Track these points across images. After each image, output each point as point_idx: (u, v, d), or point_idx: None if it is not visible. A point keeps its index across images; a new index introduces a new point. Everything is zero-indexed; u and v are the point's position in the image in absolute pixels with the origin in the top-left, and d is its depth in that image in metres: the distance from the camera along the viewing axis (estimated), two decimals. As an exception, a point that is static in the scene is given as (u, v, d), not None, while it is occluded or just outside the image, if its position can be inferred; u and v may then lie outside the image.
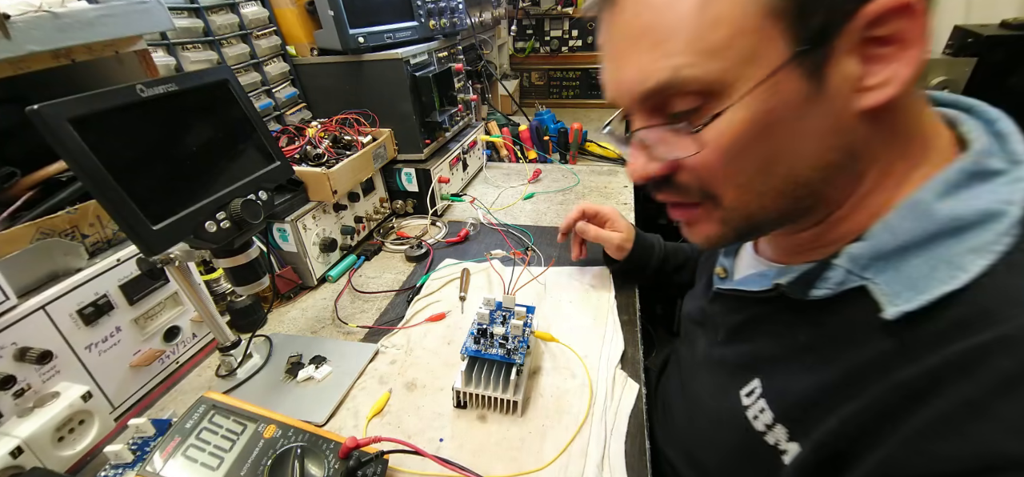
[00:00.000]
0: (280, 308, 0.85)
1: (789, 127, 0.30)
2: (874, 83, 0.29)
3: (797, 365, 0.35)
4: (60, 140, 0.45)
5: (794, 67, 0.28)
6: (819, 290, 0.34)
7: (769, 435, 0.36)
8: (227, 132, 0.62)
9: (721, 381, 0.43)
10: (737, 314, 0.43)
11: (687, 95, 0.31)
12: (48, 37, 0.56)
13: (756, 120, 0.30)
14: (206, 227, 0.56)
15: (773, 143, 0.31)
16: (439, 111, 1.10)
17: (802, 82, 0.29)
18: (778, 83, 0.29)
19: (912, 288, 0.29)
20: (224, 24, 0.92)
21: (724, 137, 0.31)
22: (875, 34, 0.28)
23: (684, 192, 0.36)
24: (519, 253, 0.92)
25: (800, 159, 0.32)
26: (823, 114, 0.30)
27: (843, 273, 0.33)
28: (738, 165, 0.32)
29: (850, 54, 0.28)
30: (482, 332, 0.62)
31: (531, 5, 1.88)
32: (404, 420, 0.60)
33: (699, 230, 0.38)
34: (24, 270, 0.57)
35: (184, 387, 0.70)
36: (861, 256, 0.32)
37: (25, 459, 0.51)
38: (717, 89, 0.30)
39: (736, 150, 0.31)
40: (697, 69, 0.30)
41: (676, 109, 0.32)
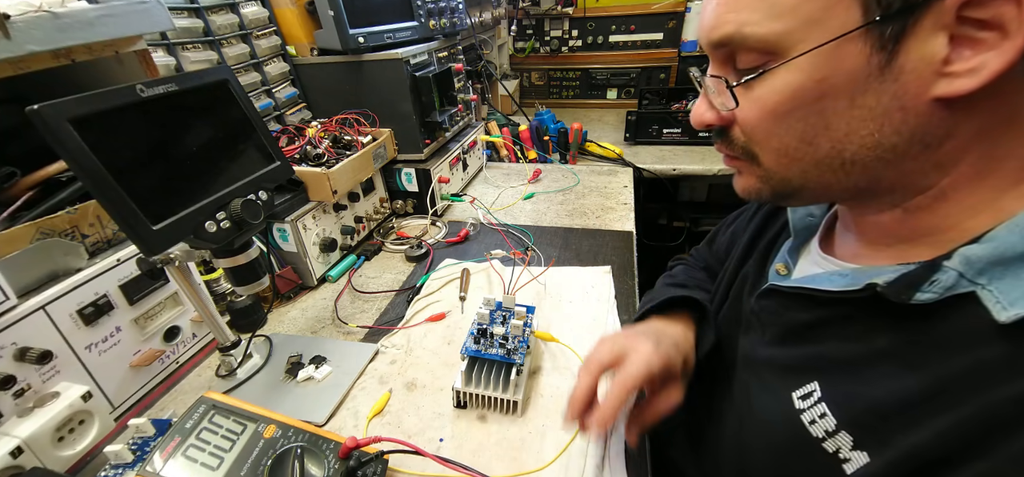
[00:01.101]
0: (280, 308, 0.85)
1: (843, 100, 0.29)
2: (959, 69, 0.26)
3: (872, 371, 0.33)
4: (60, 140, 0.45)
5: (862, 36, 0.27)
6: (925, 294, 0.30)
7: (829, 442, 0.33)
8: (227, 132, 0.62)
9: (768, 383, 0.40)
10: (800, 313, 0.39)
11: (751, 51, 0.31)
12: (48, 37, 0.56)
13: (806, 87, 0.29)
14: (206, 227, 0.56)
15: (821, 114, 0.30)
16: (439, 111, 1.10)
17: (869, 54, 0.27)
18: (839, 50, 0.27)
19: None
20: (224, 24, 0.92)
21: (769, 99, 0.31)
22: (972, 15, 0.25)
23: (732, 145, 0.36)
24: (519, 253, 0.92)
25: (850, 136, 0.30)
26: (888, 93, 0.28)
27: (955, 277, 0.29)
28: (779, 130, 0.32)
29: (937, 32, 0.26)
30: (482, 332, 0.62)
31: (531, 5, 1.88)
32: (404, 420, 0.60)
33: (741, 181, 0.38)
34: (24, 270, 0.57)
35: (184, 387, 0.70)
36: (978, 260, 0.28)
37: (25, 459, 0.51)
38: (777, 49, 0.29)
39: (780, 113, 0.31)
40: (761, 27, 0.29)
41: (740, 64, 0.32)
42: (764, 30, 0.29)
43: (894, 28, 0.26)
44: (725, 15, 0.31)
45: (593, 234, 0.99)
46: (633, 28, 1.84)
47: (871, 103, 0.28)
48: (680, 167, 1.35)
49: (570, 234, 1.00)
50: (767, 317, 0.43)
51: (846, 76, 0.28)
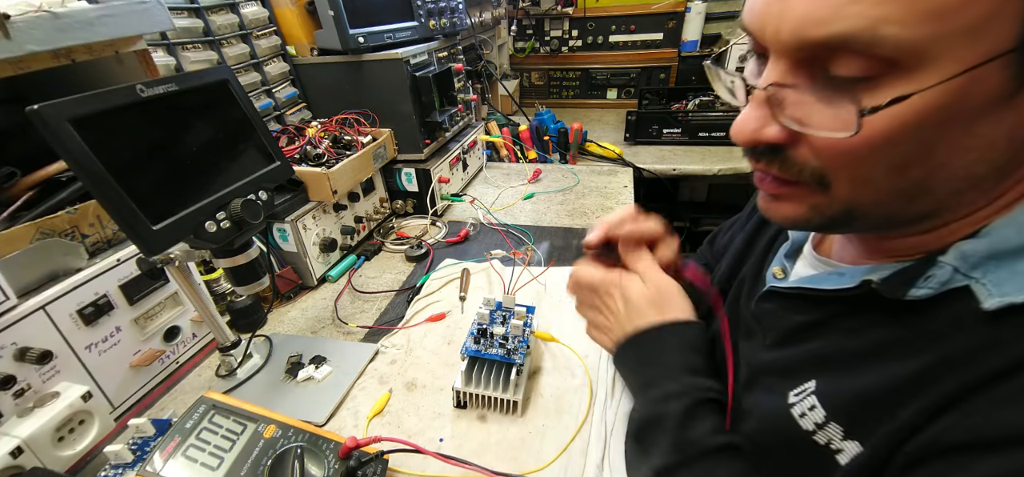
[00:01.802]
0: (280, 308, 0.85)
1: (960, 129, 0.24)
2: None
3: (862, 364, 0.32)
4: (60, 140, 0.45)
5: (1013, 59, 0.22)
6: (920, 289, 0.29)
7: (819, 434, 0.33)
8: (227, 132, 0.62)
9: (768, 387, 0.40)
10: (797, 315, 0.38)
11: (868, 58, 0.24)
12: (48, 37, 0.56)
13: (933, 114, 0.24)
14: (206, 227, 0.56)
15: (928, 144, 0.25)
16: (439, 111, 1.10)
17: (1008, 80, 0.23)
18: (984, 75, 0.22)
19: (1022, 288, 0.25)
20: (224, 24, 0.92)
21: (885, 127, 0.24)
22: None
23: (792, 168, 0.30)
24: (519, 253, 0.92)
25: (945, 168, 0.26)
26: (1005, 123, 0.24)
27: (950, 272, 0.28)
28: (878, 160, 0.26)
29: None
30: (482, 332, 0.62)
31: (531, 5, 1.88)
32: (404, 420, 0.60)
33: (784, 207, 0.33)
34: (24, 270, 0.57)
35: (184, 387, 0.70)
36: (973, 254, 0.27)
37: (25, 459, 0.51)
38: (912, 62, 0.23)
39: (892, 144, 0.25)
40: (903, 29, 0.22)
41: (841, 72, 0.25)
42: (908, 34, 0.22)
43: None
44: (846, 7, 0.23)
45: (593, 234, 0.99)
46: (633, 28, 1.84)
47: (986, 132, 0.25)
48: (680, 167, 1.35)
49: (570, 234, 1.00)
50: (768, 321, 0.42)
51: (976, 103, 0.23)
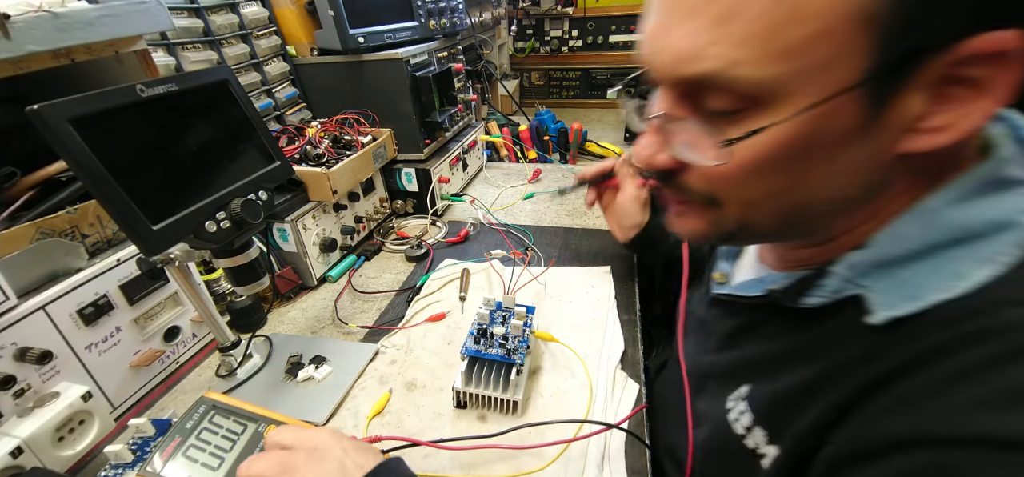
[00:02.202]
0: (280, 308, 0.85)
1: (823, 157, 0.27)
2: (932, 126, 0.25)
3: (783, 369, 0.34)
4: (60, 140, 0.45)
5: (862, 92, 0.24)
6: (812, 298, 0.33)
7: (748, 438, 0.35)
8: (227, 132, 0.62)
9: (712, 388, 0.42)
10: (732, 319, 0.41)
11: (730, 94, 0.26)
12: (48, 37, 0.56)
13: (794, 144, 0.26)
14: (206, 227, 0.56)
15: (798, 171, 0.28)
16: (439, 111, 1.10)
17: (861, 111, 0.25)
18: (836, 108, 0.25)
19: (908, 296, 0.28)
20: (224, 24, 0.92)
21: (752, 156, 0.27)
22: (958, 73, 0.24)
23: (684, 192, 0.33)
24: (519, 253, 0.92)
25: (819, 190, 0.29)
26: (865, 151, 0.27)
27: (840, 281, 0.31)
28: (754, 184, 0.29)
29: (921, 89, 0.25)
30: (482, 332, 0.62)
31: (531, 5, 1.88)
32: (404, 420, 0.60)
33: (686, 223, 0.36)
34: (24, 270, 0.57)
35: (184, 387, 0.70)
36: (861, 264, 0.31)
37: (25, 459, 0.51)
38: (766, 97, 0.26)
39: (760, 171, 0.28)
40: (756, 70, 0.25)
41: (712, 106, 0.28)
42: (760, 74, 0.25)
43: (892, 83, 0.25)
44: (709, 47, 0.25)
45: (593, 234, 0.99)
46: (633, 28, 1.84)
47: (849, 159, 0.27)
48: (680, 167, 1.35)
49: (570, 234, 1.00)
50: (712, 325, 0.45)
51: (834, 133, 0.26)
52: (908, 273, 0.29)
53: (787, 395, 0.33)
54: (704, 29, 0.26)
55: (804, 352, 0.33)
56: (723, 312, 0.43)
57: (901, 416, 0.25)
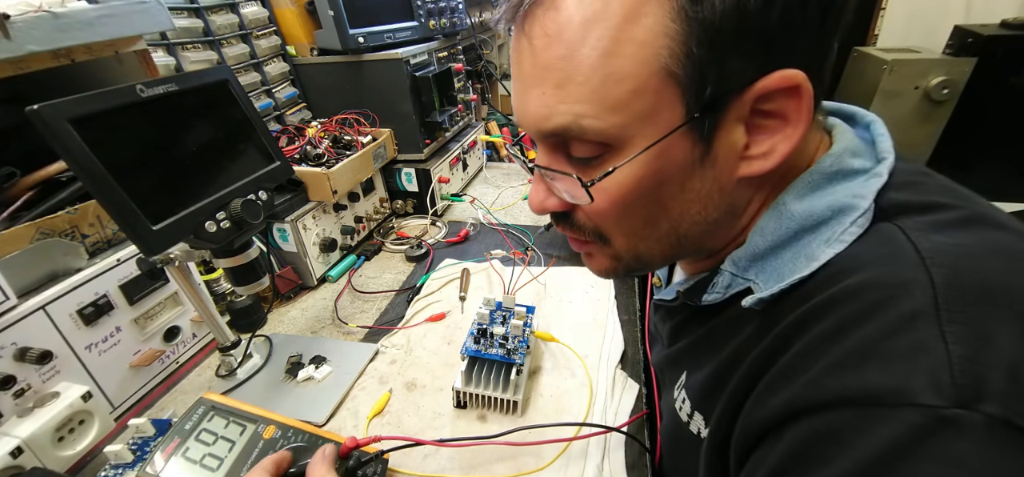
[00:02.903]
0: (280, 308, 0.85)
1: (675, 186, 0.32)
2: (757, 153, 0.31)
3: (703, 358, 0.39)
4: (60, 140, 0.45)
5: (686, 132, 0.30)
6: (710, 295, 0.37)
7: (692, 424, 0.39)
8: (227, 132, 0.62)
9: (666, 382, 0.47)
10: (670, 320, 0.46)
11: (587, 143, 0.31)
12: (48, 37, 0.56)
13: (646, 178, 0.31)
14: (206, 227, 0.56)
15: (659, 201, 0.33)
16: (439, 111, 1.10)
17: (691, 147, 0.30)
18: (670, 146, 0.30)
19: (776, 279, 0.32)
20: (224, 24, 0.92)
21: (616, 191, 0.32)
22: (762, 108, 0.29)
23: (580, 229, 0.38)
24: (519, 253, 0.92)
25: (683, 216, 0.34)
26: (708, 179, 0.32)
27: (729, 277, 0.36)
28: (627, 216, 0.34)
29: (737, 123, 0.30)
30: (482, 332, 0.62)
31: (531, 5, 1.87)
32: (404, 420, 0.60)
33: (595, 262, 0.41)
34: (24, 270, 0.57)
35: (184, 387, 0.70)
36: (741, 259, 0.35)
37: (25, 459, 0.51)
38: (615, 143, 0.31)
39: (626, 204, 0.33)
40: (598, 121, 0.30)
41: (576, 154, 0.33)
42: (601, 124, 0.30)
43: (709, 122, 0.29)
44: (557, 105, 0.30)
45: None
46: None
47: (697, 187, 0.32)
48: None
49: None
50: (660, 327, 0.50)
51: (676, 167, 0.31)
52: (777, 262, 0.33)
53: (709, 381, 0.37)
54: (549, 92, 0.31)
55: (715, 341, 0.38)
56: (663, 315, 0.48)
57: (782, 390, 0.27)
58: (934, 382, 0.22)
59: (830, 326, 0.27)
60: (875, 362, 0.24)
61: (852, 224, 0.30)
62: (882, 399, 0.23)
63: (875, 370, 0.24)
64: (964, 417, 0.21)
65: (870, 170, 0.33)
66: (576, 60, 0.29)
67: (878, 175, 0.32)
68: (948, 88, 1.63)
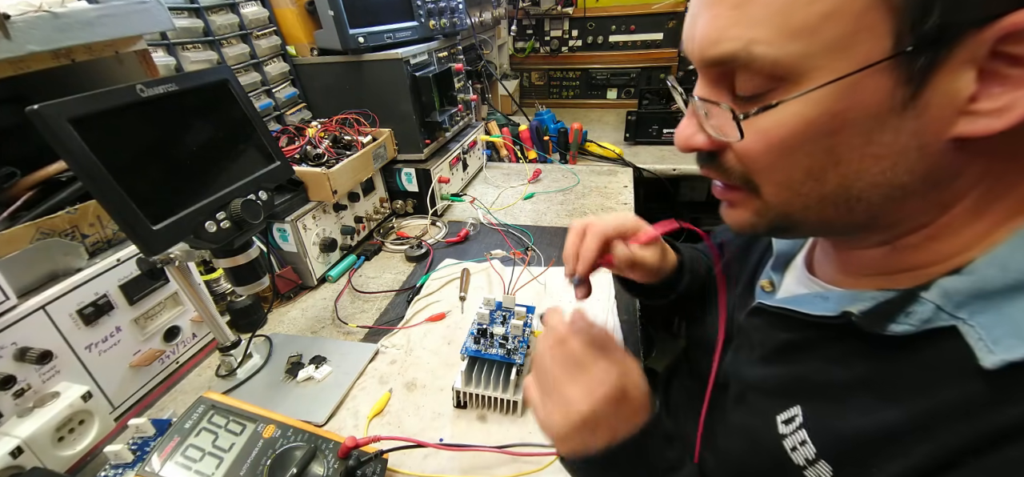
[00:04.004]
0: (280, 308, 0.85)
1: (859, 136, 0.26)
2: (988, 108, 0.23)
3: (853, 399, 0.31)
4: (60, 140, 0.45)
5: (889, 68, 0.24)
6: (900, 325, 0.29)
7: (809, 470, 0.32)
8: (227, 132, 0.62)
9: (753, 403, 0.40)
10: (784, 333, 0.38)
11: (757, 75, 0.27)
12: (48, 37, 0.56)
13: (820, 121, 0.26)
14: (206, 227, 0.56)
15: (833, 150, 0.27)
16: (439, 111, 1.10)
17: (893, 88, 0.24)
18: (862, 82, 0.24)
19: (1019, 335, 0.24)
20: (224, 24, 0.92)
21: (776, 131, 0.27)
22: (1008, 50, 0.22)
23: (726, 173, 0.33)
24: (519, 253, 0.92)
25: (861, 174, 0.27)
26: (908, 131, 0.25)
27: (932, 310, 0.28)
28: (785, 163, 0.29)
29: (966, 67, 0.23)
30: (482, 332, 0.62)
31: (531, 5, 1.88)
32: (404, 420, 0.60)
33: (735, 214, 0.35)
34: (24, 270, 0.57)
35: (184, 387, 0.70)
36: (957, 292, 0.27)
37: (25, 459, 0.51)
38: (789, 75, 0.26)
39: (787, 148, 0.28)
40: (773, 48, 0.25)
41: (741, 88, 0.28)
42: (776, 52, 0.25)
43: (925, 60, 0.23)
44: (729, 29, 0.26)
45: (593, 234, 0.99)
46: (633, 28, 1.84)
47: (888, 140, 0.26)
48: (680, 167, 1.35)
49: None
50: (756, 336, 0.42)
51: (866, 111, 0.25)
52: (1014, 309, 0.25)
53: (867, 436, 0.30)
54: (724, 14, 0.27)
55: (885, 386, 0.30)
56: (772, 324, 0.40)
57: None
58: None
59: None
60: None
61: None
62: None
63: None
64: None
65: None
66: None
67: None
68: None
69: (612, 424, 0.37)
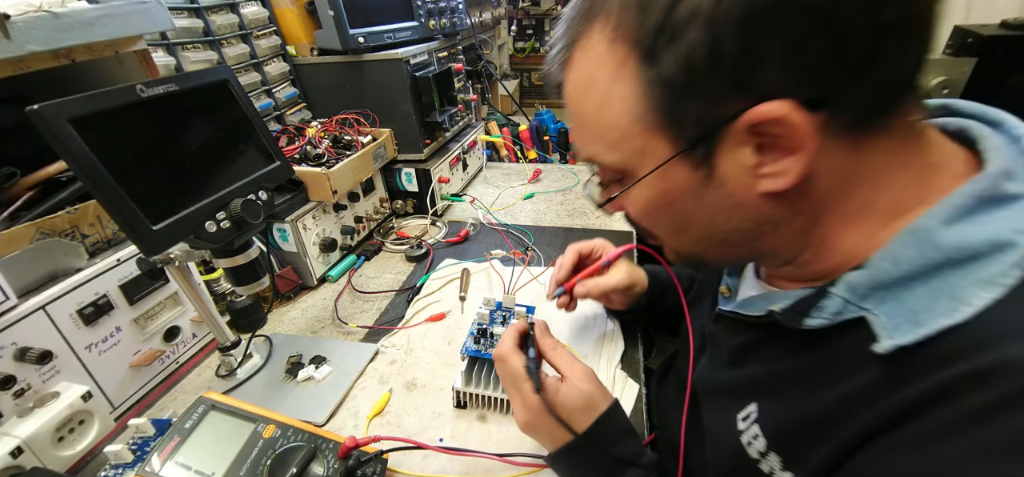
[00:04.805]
0: (280, 308, 0.85)
1: (689, 202, 0.34)
2: (772, 172, 0.30)
3: (791, 392, 0.35)
4: (60, 140, 0.45)
5: (680, 160, 0.32)
6: (814, 320, 0.33)
7: (763, 463, 0.35)
8: (227, 132, 0.62)
9: (721, 404, 0.42)
10: (738, 336, 0.42)
11: (607, 169, 0.37)
12: (48, 37, 0.57)
13: (657, 197, 0.35)
14: (206, 227, 0.56)
15: (679, 212, 0.35)
16: (439, 111, 1.10)
17: (692, 171, 0.32)
18: (669, 172, 0.33)
19: (912, 321, 0.28)
20: (224, 24, 0.92)
21: (637, 205, 0.37)
22: (764, 132, 0.28)
23: (635, 225, 0.42)
24: (519, 253, 0.92)
25: (712, 225, 0.35)
26: (722, 195, 0.32)
27: (840, 303, 0.31)
28: (656, 222, 0.38)
29: (740, 147, 0.30)
30: (482, 332, 0.62)
31: (531, 5, 1.88)
32: (404, 420, 0.60)
33: (665, 251, 0.43)
34: (24, 270, 0.57)
35: (184, 387, 0.70)
36: (859, 285, 0.31)
37: (25, 459, 0.51)
38: (625, 172, 0.35)
39: (649, 213, 0.37)
40: (606, 157, 0.36)
41: (602, 177, 0.40)
42: (608, 159, 0.35)
43: (702, 151, 0.31)
44: (583, 145, 0.38)
45: (593, 234, 0.99)
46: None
47: (712, 203, 0.33)
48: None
49: (570, 234, 1.00)
50: (719, 340, 0.46)
51: (683, 187, 0.33)
52: (909, 296, 0.28)
53: (801, 423, 0.33)
54: (576, 134, 0.38)
55: (812, 376, 0.33)
56: (728, 328, 0.43)
57: (915, 460, 0.25)
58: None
59: (986, 403, 0.24)
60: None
61: (1014, 266, 0.26)
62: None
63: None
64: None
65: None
66: (582, 113, 0.36)
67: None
68: (948, 88, 1.63)
69: (552, 431, 0.45)
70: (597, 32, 0.32)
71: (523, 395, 0.46)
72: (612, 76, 0.32)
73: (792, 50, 0.26)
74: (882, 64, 0.27)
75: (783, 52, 0.26)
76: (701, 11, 0.26)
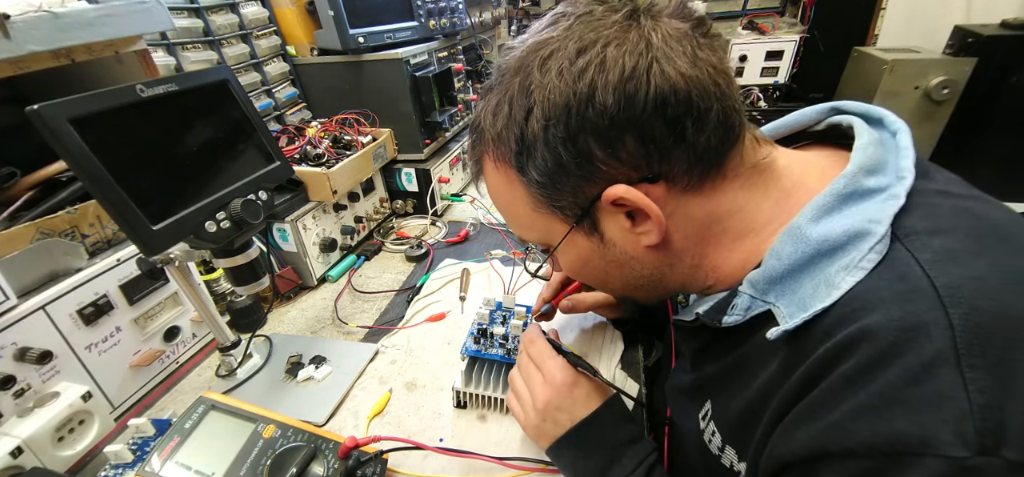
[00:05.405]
0: (280, 308, 0.85)
1: (598, 260, 0.42)
2: (644, 231, 0.37)
3: (732, 387, 0.39)
4: (60, 140, 0.45)
5: (577, 231, 0.40)
6: (730, 317, 0.37)
7: (723, 457, 0.39)
8: (227, 132, 0.62)
9: (685, 405, 0.46)
10: (694, 341, 0.45)
11: (535, 243, 0.45)
12: (48, 37, 0.57)
13: (574, 260, 0.43)
14: (206, 227, 0.56)
15: (596, 269, 0.43)
16: (439, 111, 1.10)
17: (589, 237, 0.40)
18: (572, 241, 0.41)
19: (800, 307, 0.32)
20: (224, 24, 0.92)
21: (564, 265, 0.45)
22: (626, 206, 0.36)
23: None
24: (519, 253, 0.92)
25: (626, 274, 0.42)
26: (618, 251, 0.40)
27: (748, 299, 0.36)
28: (583, 275, 0.46)
29: (615, 216, 0.37)
30: (482, 332, 0.62)
31: (531, 5, 1.88)
32: (404, 420, 0.60)
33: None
34: (24, 270, 0.57)
35: (184, 387, 0.70)
36: (759, 281, 0.35)
37: (25, 459, 0.51)
38: (543, 243, 0.44)
39: (576, 272, 0.45)
40: (528, 235, 0.45)
41: (535, 247, 0.49)
42: (531, 237, 0.44)
43: (587, 223, 0.39)
44: (512, 229, 0.47)
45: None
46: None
47: (613, 258, 0.41)
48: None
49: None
50: (682, 346, 0.50)
51: (587, 250, 0.41)
52: (797, 287, 0.33)
53: (741, 413, 0.37)
54: (507, 222, 0.47)
55: (743, 368, 0.37)
56: (685, 335, 0.47)
57: (807, 427, 0.28)
58: (957, 432, 0.23)
59: (853, 368, 0.27)
60: (899, 410, 0.25)
61: (871, 251, 0.30)
62: (907, 448, 0.24)
63: (900, 418, 0.25)
64: (985, 464, 0.23)
65: (886, 190, 0.32)
66: (502, 208, 0.45)
67: (895, 198, 0.31)
68: (948, 88, 1.63)
69: (571, 407, 0.49)
70: (488, 159, 0.41)
71: (547, 371, 0.50)
72: (507, 185, 0.41)
73: (610, 151, 0.34)
74: (688, 141, 0.33)
75: (604, 153, 0.34)
76: (538, 136, 0.35)
